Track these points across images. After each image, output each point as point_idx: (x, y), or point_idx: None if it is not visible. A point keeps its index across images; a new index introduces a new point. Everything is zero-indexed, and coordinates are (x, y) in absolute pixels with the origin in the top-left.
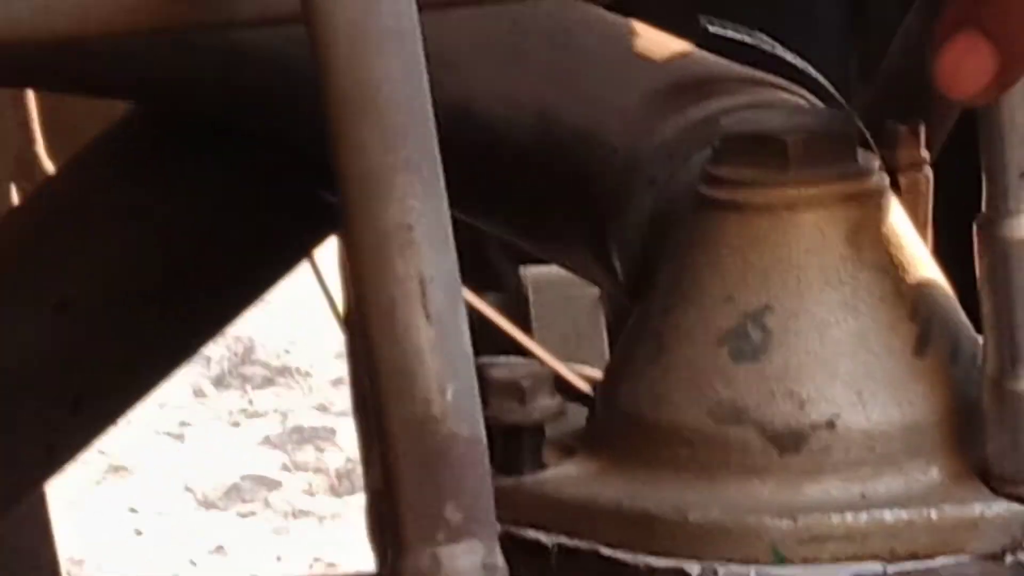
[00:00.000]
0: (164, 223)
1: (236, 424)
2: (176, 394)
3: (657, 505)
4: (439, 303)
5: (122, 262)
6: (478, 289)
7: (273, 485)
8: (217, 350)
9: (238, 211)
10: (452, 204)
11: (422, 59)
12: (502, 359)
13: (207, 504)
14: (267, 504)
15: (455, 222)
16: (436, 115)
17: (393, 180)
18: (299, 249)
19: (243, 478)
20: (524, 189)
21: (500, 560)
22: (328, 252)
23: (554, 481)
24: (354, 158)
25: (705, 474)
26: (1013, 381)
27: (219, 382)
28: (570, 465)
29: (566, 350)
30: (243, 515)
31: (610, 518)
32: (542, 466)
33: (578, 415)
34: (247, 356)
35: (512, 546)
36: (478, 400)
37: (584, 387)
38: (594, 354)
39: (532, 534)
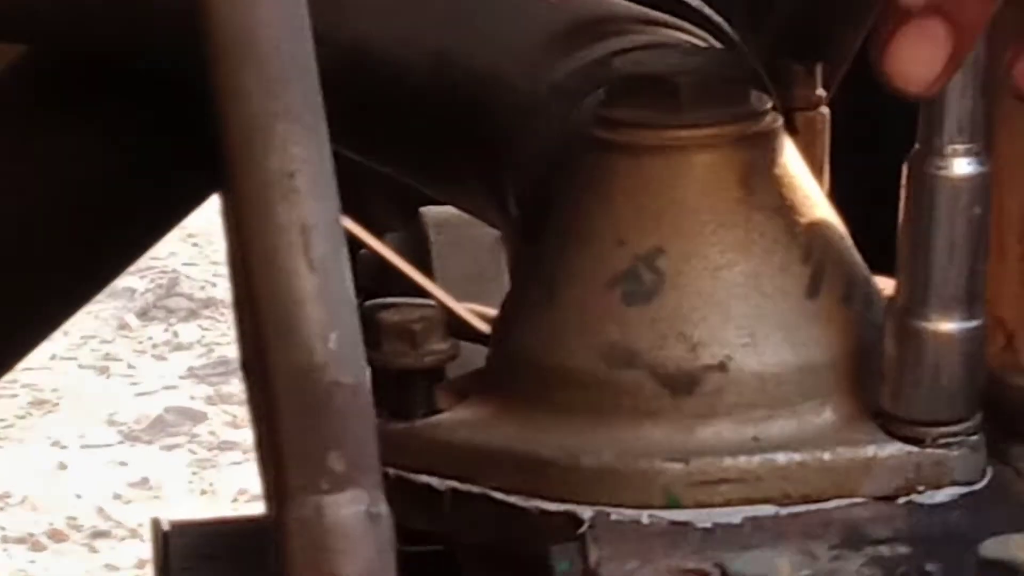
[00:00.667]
0: (55, 164)
1: (161, 357)
2: (100, 328)
3: (549, 449)
4: (321, 251)
5: (16, 203)
6: (378, 231)
7: (199, 418)
8: (141, 283)
9: (132, 155)
10: (351, 146)
11: (304, 6)
12: (395, 301)
13: (132, 437)
14: (192, 437)
15: (345, 168)
16: (333, 57)
17: (275, 128)
18: (198, 194)
19: (167, 411)
20: (422, 130)
21: (384, 509)
22: None
23: (447, 425)
24: (236, 106)
25: (598, 418)
26: (920, 319)
27: (143, 315)
28: (463, 409)
29: (468, 290)
30: (168, 448)
31: (502, 462)
32: (435, 410)
33: (480, 357)
34: (171, 289)
35: (405, 491)
36: (362, 348)
37: (484, 328)
38: (496, 294)
39: (424, 479)
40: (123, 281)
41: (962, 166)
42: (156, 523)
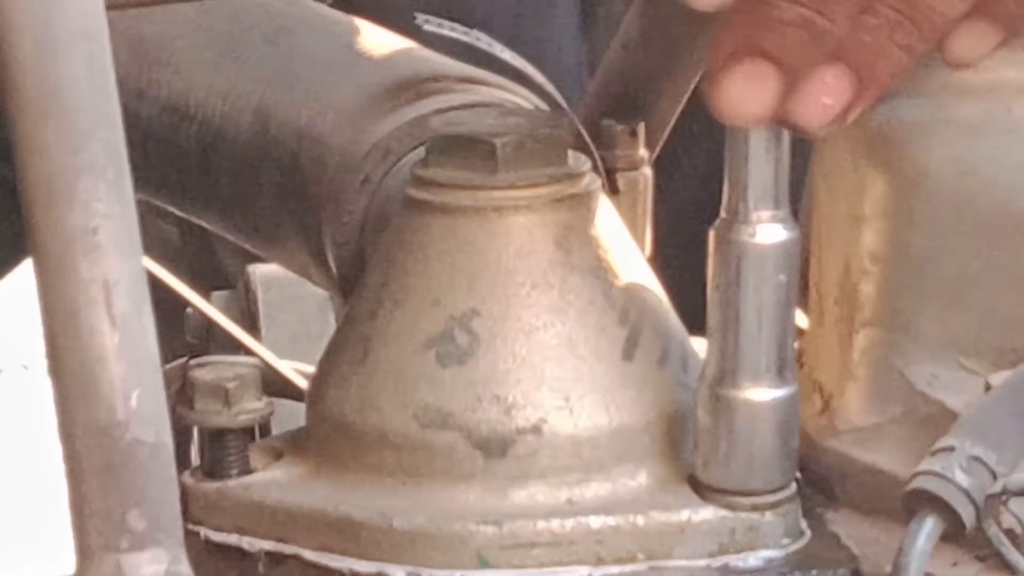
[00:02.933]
0: None
1: None
2: None
3: (362, 511)
4: (124, 307)
5: None
6: (207, 287)
7: None
8: None
9: None
10: (172, 202)
11: (109, 60)
12: (212, 359)
13: None
14: None
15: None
16: (154, 112)
17: (77, 183)
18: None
19: None
20: (244, 188)
21: (185, 568)
22: None
23: (260, 485)
24: (38, 160)
25: (411, 480)
26: (730, 388)
27: None
28: (277, 469)
29: (295, 349)
30: None
31: (315, 523)
32: (248, 470)
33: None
34: None
35: (217, 552)
36: (164, 405)
37: (301, 383)
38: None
39: (237, 540)
40: None
41: (767, 233)
42: None
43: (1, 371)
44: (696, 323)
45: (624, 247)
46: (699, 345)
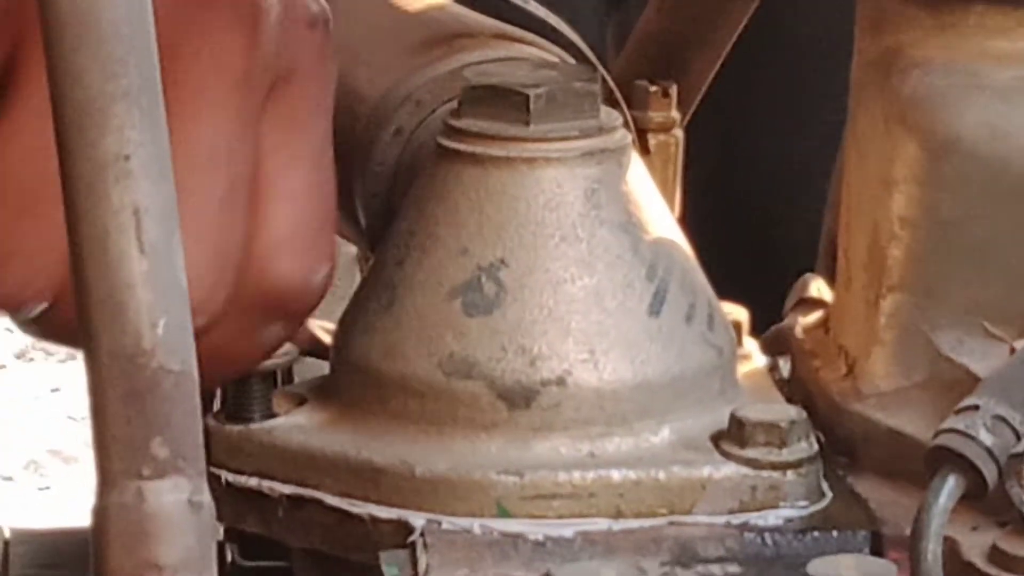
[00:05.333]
0: None
1: (38, 399)
2: None
3: (383, 457)
4: (154, 235)
5: None
6: None
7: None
8: None
9: None
10: None
11: None
12: None
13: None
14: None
15: None
16: None
17: (111, 109)
18: None
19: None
20: None
21: (207, 497)
22: None
23: (282, 429)
24: (72, 86)
25: (433, 428)
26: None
27: (22, 355)
28: (300, 414)
29: (323, 308)
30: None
31: (336, 468)
32: (271, 415)
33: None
34: None
35: (238, 496)
36: (191, 334)
37: (329, 341)
38: None
39: (258, 483)
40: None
41: None
42: None
43: None
44: (719, 288)
45: (654, 204)
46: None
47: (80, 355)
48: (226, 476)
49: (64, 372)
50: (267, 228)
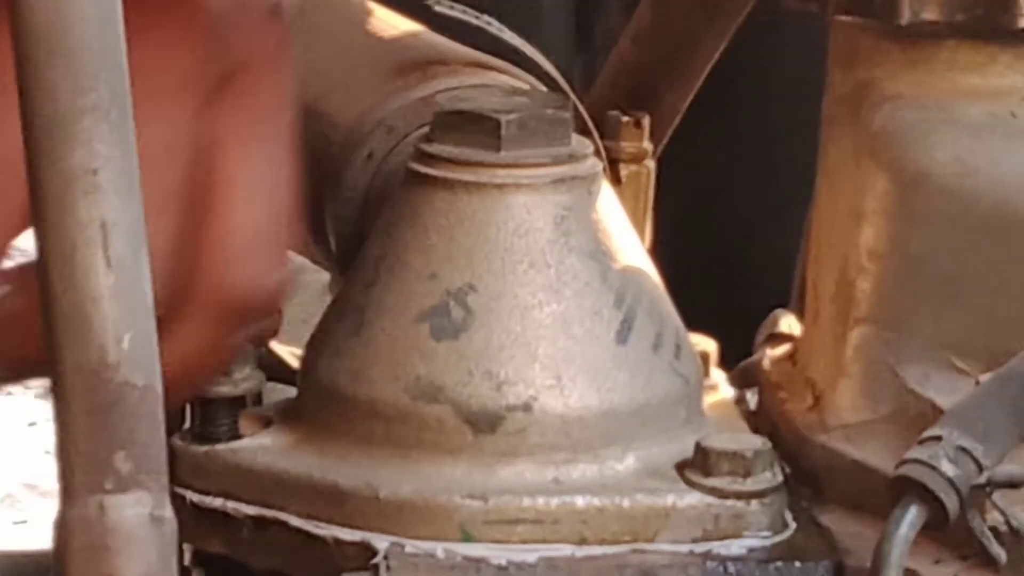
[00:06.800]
0: None
1: (14, 432)
2: None
3: (348, 479)
4: (121, 249)
5: None
6: None
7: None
8: None
9: None
10: None
11: (118, 3)
12: None
13: None
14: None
15: None
16: None
17: (80, 123)
18: None
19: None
20: None
21: (169, 512)
22: None
23: (248, 451)
24: (42, 100)
25: (399, 451)
26: None
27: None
28: (266, 436)
29: (295, 335)
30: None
31: (302, 490)
32: (237, 436)
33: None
34: None
35: (202, 516)
36: (156, 350)
37: (296, 365)
38: None
39: (223, 504)
40: None
41: None
42: None
43: None
44: (688, 320)
45: (623, 232)
46: (693, 339)
47: None
48: (191, 496)
49: (41, 406)
50: (221, 226)
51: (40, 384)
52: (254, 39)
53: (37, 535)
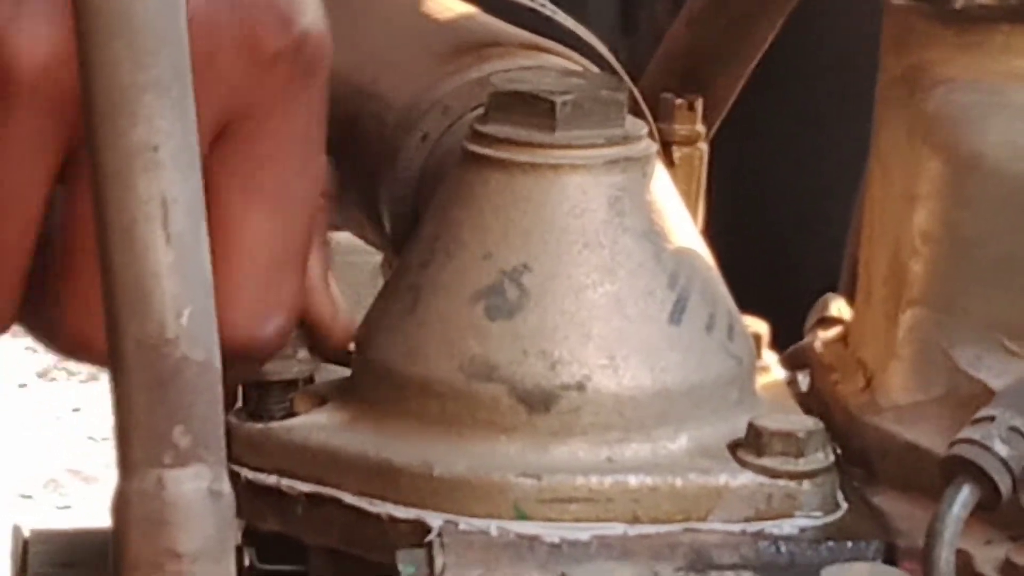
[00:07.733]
0: None
1: (59, 418)
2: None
3: (402, 457)
4: (180, 225)
5: None
6: None
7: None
8: None
9: None
10: None
11: None
12: None
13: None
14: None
15: None
16: None
17: (141, 99)
18: None
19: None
20: None
21: (227, 487)
22: None
23: (303, 428)
24: (103, 76)
25: (453, 429)
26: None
27: (44, 375)
28: (320, 414)
29: None
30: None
31: (356, 468)
32: (292, 414)
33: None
34: None
35: (257, 492)
36: (215, 324)
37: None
38: None
39: (277, 481)
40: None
41: None
42: (16, 530)
43: None
44: (738, 303)
45: (677, 214)
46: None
47: (102, 376)
48: (246, 474)
49: (85, 392)
50: (217, 273)
51: (85, 370)
52: (255, 86)
53: (80, 521)
